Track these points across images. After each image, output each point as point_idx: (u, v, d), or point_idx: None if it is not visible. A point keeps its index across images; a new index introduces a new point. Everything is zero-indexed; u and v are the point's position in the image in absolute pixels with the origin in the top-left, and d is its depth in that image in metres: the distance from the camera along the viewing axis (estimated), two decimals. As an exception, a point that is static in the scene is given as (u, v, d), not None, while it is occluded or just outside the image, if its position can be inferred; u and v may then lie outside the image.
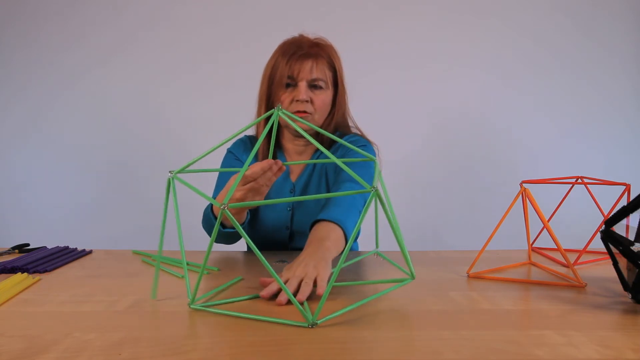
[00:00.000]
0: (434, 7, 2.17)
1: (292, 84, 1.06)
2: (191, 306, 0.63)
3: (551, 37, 2.18)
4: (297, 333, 0.55)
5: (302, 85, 1.04)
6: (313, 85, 1.06)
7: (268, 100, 1.10)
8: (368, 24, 2.17)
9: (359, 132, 1.20)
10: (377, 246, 0.93)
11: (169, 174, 0.64)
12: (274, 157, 1.16)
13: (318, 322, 0.56)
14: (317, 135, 1.13)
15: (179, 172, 0.65)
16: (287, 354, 0.49)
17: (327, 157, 1.15)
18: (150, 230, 2.18)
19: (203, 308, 0.63)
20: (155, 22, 2.17)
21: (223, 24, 2.16)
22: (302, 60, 1.04)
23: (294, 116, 0.74)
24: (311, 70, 1.05)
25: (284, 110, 0.70)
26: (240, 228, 0.54)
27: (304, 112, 1.05)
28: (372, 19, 2.18)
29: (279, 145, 1.18)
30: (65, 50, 2.17)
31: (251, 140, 1.22)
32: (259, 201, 0.78)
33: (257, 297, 0.68)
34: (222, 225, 0.98)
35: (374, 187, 0.56)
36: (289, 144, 1.17)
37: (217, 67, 2.17)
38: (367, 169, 1.08)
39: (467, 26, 2.17)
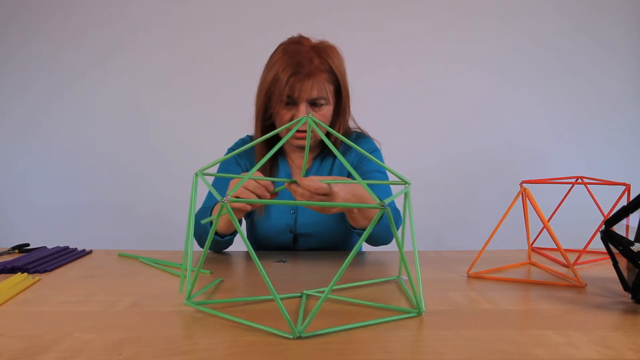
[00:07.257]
0: (434, 7, 2.17)
1: (291, 102, 1.02)
2: (186, 303, 0.65)
3: (551, 37, 2.18)
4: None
5: (303, 106, 1.01)
6: (313, 103, 1.02)
7: (265, 114, 1.07)
8: (368, 24, 2.17)
9: (359, 130, 1.19)
10: (399, 274, 0.83)
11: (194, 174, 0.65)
12: (276, 164, 1.15)
13: (304, 335, 0.53)
14: (321, 142, 1.12)
15: (203, 170, 0.65)
16: (287, 354, 0.49)
17: (331, 160, 1.14)
18: (150, 230, 2.19)
19: (196, 306, 0.63)
20: (155, 22, 2.17)
21: (223, 24, 2.17)
22: (302, 80, 0.99)
23: (327, 129, 0.70)
24: (311, 89, 1.00)
25: (313, 118, 0.67)
26: (240, 228, 0.54)
27: (304, 131, 1.02)
28: (373, 19, 2.18)
29: (280, 150, 1.17)
30: (66, 50, 2.17)
31: (252, 140, 1.21)
32: (266, 199, 0.78)
33: (249, 300, 0.68)
34: (217, 234, 0.98)
35: (382, 204, 0.51)
36: (290, 150, 1.17)
37: (216, 67, 2.17)
38: (384, 174, 1.08)
39: (468, 26, 2.18)
